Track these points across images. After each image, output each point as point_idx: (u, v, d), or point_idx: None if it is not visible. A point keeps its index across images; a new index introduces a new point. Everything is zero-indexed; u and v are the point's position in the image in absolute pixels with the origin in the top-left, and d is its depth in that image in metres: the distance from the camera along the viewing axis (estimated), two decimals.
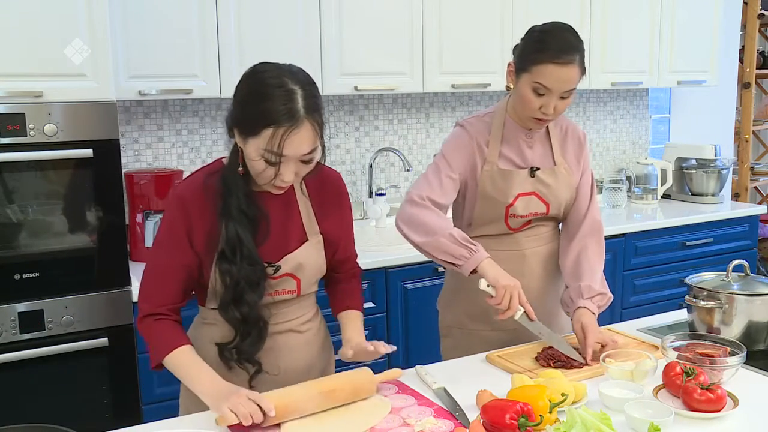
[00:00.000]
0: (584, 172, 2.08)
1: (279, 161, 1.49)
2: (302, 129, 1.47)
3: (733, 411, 1.53)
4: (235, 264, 1.58)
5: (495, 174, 1.98)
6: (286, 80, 1.48)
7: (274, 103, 1.45)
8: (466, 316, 2.10)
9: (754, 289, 1.93)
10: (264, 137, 1.46)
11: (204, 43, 2.74)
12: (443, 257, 1.87)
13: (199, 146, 3.15)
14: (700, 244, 3.74)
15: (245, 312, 1.61)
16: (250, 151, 1.50)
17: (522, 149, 2.01)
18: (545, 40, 1.84)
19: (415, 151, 3.69)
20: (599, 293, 1.97)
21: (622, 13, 3.68)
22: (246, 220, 1.59)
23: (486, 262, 1.83)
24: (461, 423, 1.50)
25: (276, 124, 1.45)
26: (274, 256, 1.65)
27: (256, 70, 1.53)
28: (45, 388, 2.37)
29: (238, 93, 1.54)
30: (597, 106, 4.20)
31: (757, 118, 5.06)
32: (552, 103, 1.86)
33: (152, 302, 1.63)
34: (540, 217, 2.03)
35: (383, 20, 3.08)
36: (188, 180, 1.65)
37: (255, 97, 1.48)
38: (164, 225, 1.64)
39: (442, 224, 1.89)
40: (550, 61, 1.81)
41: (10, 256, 2.29)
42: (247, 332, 1.64)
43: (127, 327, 2.45)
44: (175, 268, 1.62)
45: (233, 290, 1.60)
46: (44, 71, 2.26)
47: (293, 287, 1.70)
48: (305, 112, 1.47)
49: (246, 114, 1.50)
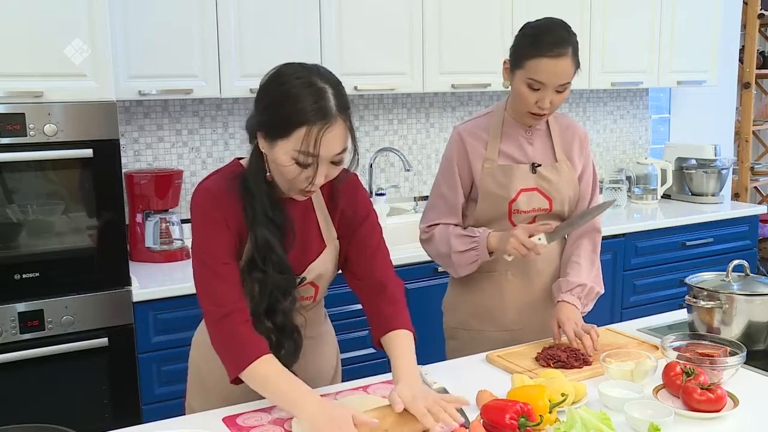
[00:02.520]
0: (585, 172, 2.08)
1: (313, 163, 1.42)
2: (335, 127, 1.42)
3: (733, 411, 1.53)
4: (266, 272, 1.52)
5: (495, 170, 1.99)
6: (315, 79, 1.43)
7: (306, 103, 1.40)
8: (472, 317, 2.10)
9: (754, 289, 1.93)
10: (296, 138, 1.40)
11: (204, 43, 2.74)
12: (469, 269, 2.01)
13: (199, 146, 3.15)
14: (700, 244, 3.74)
15: (280, 321, 1.56)
16: (279, 155, 1.43)
17: (522, 145, 2.02)
18: (537, 35, 1.87)
19: (415, 151, 3.68)
20: (579, 285, 1.97)
21: (622, 13, 3.68)
22: (274, 226, 1.52)
23: (492, 241, 1.94)
24: (461, 423, 1.50)
25: (309, 123, 1.39)
26: (297, 266, 1.59)
27: (282, 71, 1.46)
28: (45, 388, 2.36)
29: (264, 95, 1.47)
30: (597, 106, 4.20)
31: (757, 118, 5.06)
32: (547, 97, 1.87)
33: (219, 302, 1.50)
34: (544, 214, 2.03)
35: (383, 20, 3.08)
36: (211, 180, 1.57)
37: (284, 98, 1.41)
38: (199, 219, 1.53)
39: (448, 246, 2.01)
40: (542, 55, 1.83)
41: (10, 256, 2.29)
42: (282, 342, 1.56)
43: (128, 327, 2.45)
44: (228, 257, 1.52)
45: (267, 299, 1.54)
46: (44, 71, 2.26)
47: (311, 294, 1.68)
48: (337, 110, 1.42)
49: (274, 116, 1.42)
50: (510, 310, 2.06)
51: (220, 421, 1.54)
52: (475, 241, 1.97)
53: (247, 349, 1.47)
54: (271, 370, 1.47)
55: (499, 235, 1.95)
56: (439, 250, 2.06)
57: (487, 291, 2.06)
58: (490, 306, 2.07)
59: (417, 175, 3.71)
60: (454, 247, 2.00)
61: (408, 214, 3.55)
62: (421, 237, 2.11)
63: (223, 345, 1.51)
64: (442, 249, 2.04)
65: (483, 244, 1.96)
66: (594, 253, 2.07)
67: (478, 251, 1.97)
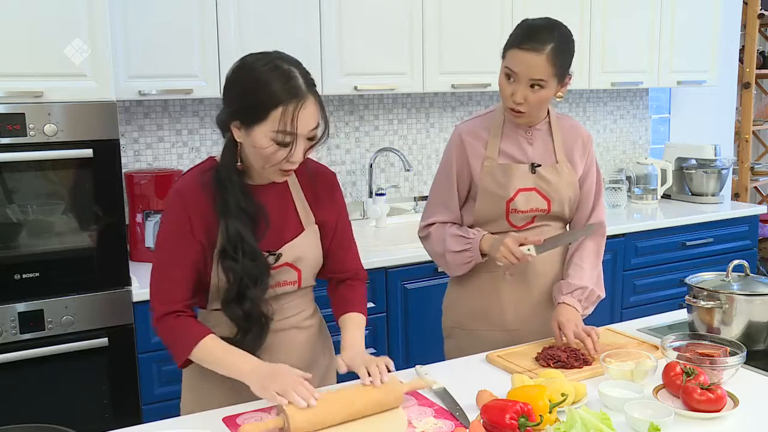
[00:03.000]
0: (588, 173, 2.08)
1: (292, 140, 1.51)
2: (308, 103, 1.51)
3: (733, 411, 1.53)
4: (237, 261, 1.59)
5: (495, 169, 2.00)
6: (279, 62, 1.53)
7: (276, 85, 1.49)
8: (469, 317, 2.11)
9: (754, 289, 1.93)
10: (273, 120, 1.49)
11: (204, 43, 2.74)
12: (463, 269, 2.04)
13: (199, 146, 3.15)
14: (700, 244, 3.74)
15: (247, 308, 1.62)
16: (259, 139, 1.51)
17: (522, 145, 2.02)
18: (521, 28, 1.92)
19: (415, 151, 3.69)
20: (580, 287, 1.98)
21: (622, 13, 3.68)
22: (245, 216, 1.59)
23: (485, 245, 1.98)
24: (461, 423, 1.50)
25: (284, 103, 1.48)
26: (274, 245, 1.66)
27: (246, 61, 1.56)
28: (45, 388, 2.36)
29: (233, 87, 1.56)
30: (597, 106, 4.20)
31: (757, 118, 5.06)
32: (520, 91, 1.89)
33: (166, 301, 1.62)
34: (543, 216, 2.03)
35: (383, 20, 3.08)
36: (184, 177, 1.66)
37: (254, 84, 1.50)
38: (166, 223, 1.64)
39: (443, 246, 2.04)
40: (516, 45, 1.89)
41: (10, 256, 2.29)
42: (248, 328, 1.64)
43: (127, 327, 2.45)
44: (184, 264, 1.61)
45: (236, 287, 1.60)
46: (44, 71, 2.26)
47: (294, 278, 1.70)
48: (306, 87, 1.51)
49: (248, 103, 1.50)
50: (508, 311, 2.06)
51: (220, 421, 1.54)
52: (468, 242, 2.00)
53: (191, 334, 1.60)
54: (216, 346, 1.59)
55: (492, 239, 1.97)
56: (435, 249, 2.09)
57: (486, 291, 2.07)
58: (488, 306, 2.07)
59: (417, 175, 3.71)
60: (449, 246, 2.02)
61: (408, 214, 3.55)
62: (420, 235, 2.14)
63: (169, 336, 1.63)
64: (437, 248, 2.07)
65: (476, 246, 1.98)
66: (597, 256, 2.07)
67: (471, 253, 2.00)
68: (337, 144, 3.47)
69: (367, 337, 2.88)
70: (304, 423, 1.46)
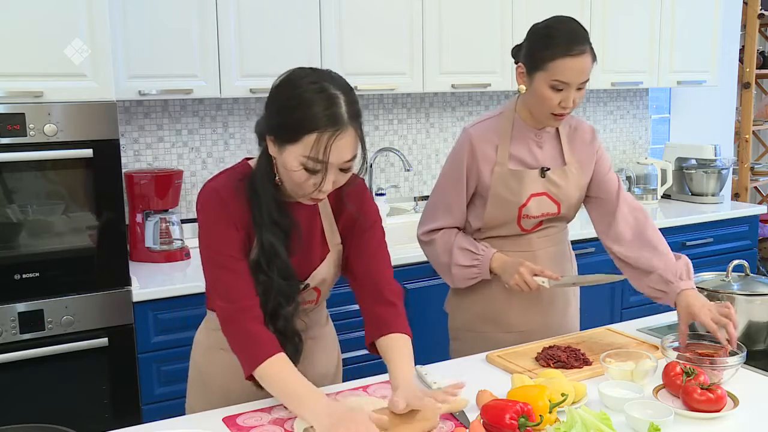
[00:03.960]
0: (601, 161, 2.05)
1: (321, 170, 1.42)
2: (346, 135, 1.41)
3: (733, 411, 1.53)
4: (270, 276, 1.52)
5: (506, 175, 1.97)
6: (327, 85, 1.42)
7: (317, 108, 1.39)
8: (478, 319, 2.09)
9: (754, 289, 1.93)
10: (306, 144, 1.39)
11: (204, 43, 2.74)
12: (467, 283, 2.03)
13: (199, 146, 3.15)
14: (700, 244, 3.74)
15: (282, 326, 1.56)
16: (289, 160, 1.43)
17: (532, 149, 2.00)
18: (553, 35, 1.83)
19: (415, 151, 3.68)
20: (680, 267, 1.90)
21: (622, 13, 3.68)
22: (279, 231, 1.52)
23: (495, 264, 1.96)
24: (461, 423, 1.50)
25: (320, 129, 1.38)
26: (301, 271, 1.60)
27: (294, 75, 1.46)
28: (45, 388, 2.36)
29: (274, 99, 1.47)
30: (597, 106, 4.20)
31: (757, 118, 5.06)
32: (571, 96, 1.85)
33: (232, 298, 1.50)
34: (551, 218, 2.03)
35: (383, 20, 3.08)
36: (218, 178, 1.57)
37: (295, 103, 1.41)
38: (206, 219, 1.54)
39: (449, 257, 2.01)
40: (564, 55, 1.80)
41: (10, 256, 2.29)
42: (283, 346, 1.54)
43: (127, 327, 2.45)
44: (240, 256, 1.52)
45: (270, 303, 1.54)
46: (44, 71, 2.26)
47: (314, 297, 1.68)
48: (348, 117, 1.41)
49: (285, 120, 1.42)
50: (515, 313, 2.05)
51: (220, 421, 1.54)
52: (477, 258, 1.97)
53: (260, 348, 1.48)
54: (283, 369, 1.47)
55: (503, 261, 1.95)
56: (439, 258, 2.04)
57: (493, 293, 2.05)
58: (496, 308, 2.06)
59: (417, 175, 3.71)
60: (456, 260, 2.00)
61: (408, 214, 3.55)
62: (421, 239, 2.09)
63: (237, 342, 1.52)
64: (442, 258, 2.03)
65: (486, 265, 1.97)
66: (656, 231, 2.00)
67: (479, 269, 1.98)
68: None
69: None
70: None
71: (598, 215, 2.07)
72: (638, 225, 2.00)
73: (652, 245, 1.96)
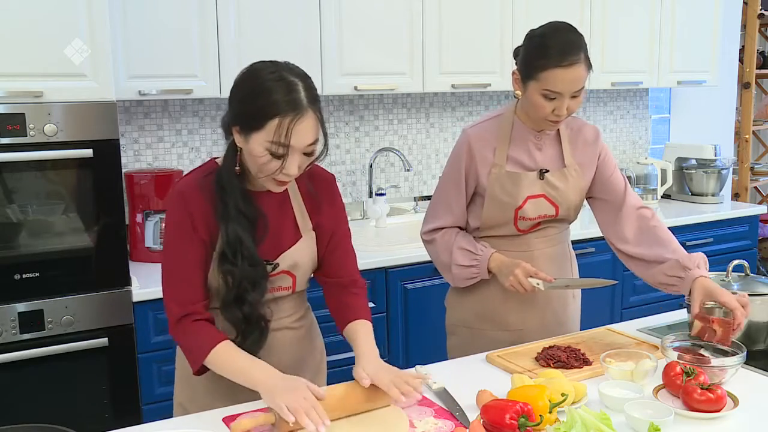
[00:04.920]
0: (606, 161, 2.05)
1: (285, 153, 1.50)
2: (306, 118, 1.49)
3: (733, 411, 1.53)
4: (236, 265, 1.59)
5: (503, 177, 1.98)
6: (285, 74, 1.52)
7: (278, 95, 1.48)
8: (474, 316, 2.11)
9: (754, 289, 1.93)
10: (269, 129, 1.48)
11: (204, 43, 2.74)
12: (467, 282, 2.05)
13: (199, 146, 3.15)
14: (700, 244, 3.73)
15: (247, 311, 1.62)
16: (255, 147, 1.51)
17: (531, 151, 2.00)
18: (546, 44, 1.83)
19: (415, 151, 3.68)
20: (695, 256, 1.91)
21: (622, 13, 3.68)
22: (245, 220, 1.59)
23: (493, 265, 1.97)
24: (461, 423, 1.50)
25: (281, 114, 1.47)
26: (271, 254, 1.66)
27: (254, 67, 1.56)
28: (45, 388, 2.36)
29: (237, 92, 1.55)
30: (597, 106, 4.20)
31: (757, 118, 5.05)
32: (564, 105, 1.85)
33: (183, 302, 1.61)
34: (549, 219, 2.03)
35: (383, 20, 3.08)
36: (185, 178, 1.66)
37: (257, 92, 1.50)
38: (170, 223, 1.64)
39: (449, 257, 2.03)
40: (555, 66, 1.80)
41: (10, 256, 2.29)
42: (248, 331, 1.63)
43: (127, 327, 2.45)
44: (193, 262, 1.61)
45: (235, 290, 1.60)
46: (44, 71, 2.26)
47: (289, 284, 1.71)
48: (308, 102, 1.50)
49: (249, 110, 1.50)
50: (511, 311, 2.06)
51: (220, 421, 1.54)
52: (476, 258, 1.99)
53: (207, 339, 1.58)
54: (230, 352, 1.57)
55: (501, 261, 1.97)
56: (440, 258, 2.07)
57: (491, 290, 2.06)
58: (492, 305, 2.07)
59: (417, 175, 3.71)
60: (456, 260, 2.02)
61: (408, 214, 3.55)
62: (423, 238, 2.12)
63: (185, 339, 1.62)
64: (443, 257, 2.05)
65: (484, 264, 1.99)
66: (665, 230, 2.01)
67: (478, 269, 2.00)
68: (337, 144, 3.47)
69: None
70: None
71: (603, 216, 2.08)
72: (646, 225, 2.01)
73: (664, 243, 1.96)
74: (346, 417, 1.54)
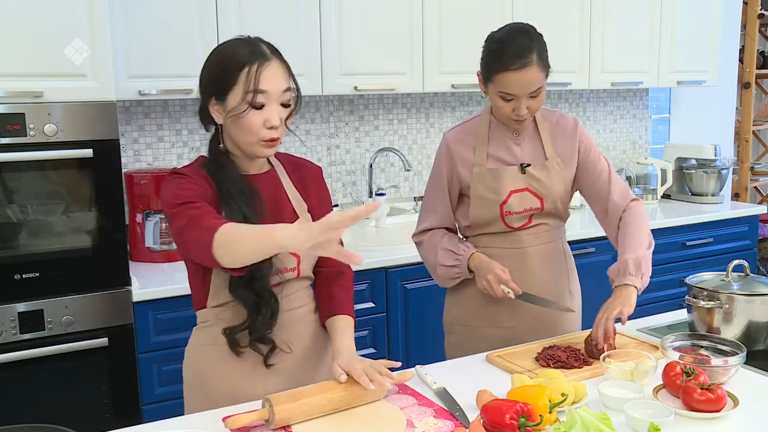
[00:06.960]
0: (589, 154, 2.07)
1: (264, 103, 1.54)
2: (273, 63, 1.55)
3: (733, 411, 1.53)
4: None
5: (485, 174, 2.02)
6: (242, 36, 1.61)
7: (240, 51, 1.55)
8: (469, 314, 2.12)
9: (754, 289, 1.93)
10: (242, 81, 1.53)
11: (204, 43, 2.74)
12: (452, 282, 2.09)
13: (199, 146, 3.15)
14: (700, 244, 3.74)
15: (258, 288, 1.60)
16: (234, 104, 1.54)
17: (510, 147, 2.04)
18: (500, 49, 1.89)
19: (415, 151, 3.69)
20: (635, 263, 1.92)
21: (622, 13, 3.68)
22: (245, 197, 1.60)
23: (472, 264, 2.01)
24: (461, 423, 1.50)
25: (248, 63, 1.53)
26: None
27: (216, 47, 1.64)
28: (45, 388, 2.37)
29: (205, 69, 1.61)
30: (597, 106, 4.20)
31: (757, 118, 5.06)
32: (522, 105, 1.91)
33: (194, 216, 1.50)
34: (539, 214, 2.04)
35: (383, 20, 3.08)
36: (178, 168, 1.65)
37: (221, 57, 1.57)
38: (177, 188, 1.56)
39: (435, 257, 2.07)
40: (507, 69, 1.86)
41: (10, 256, 2.29)
42: (259, 309, 1.61)
43: (127, 327, 2.46)
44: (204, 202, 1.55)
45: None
46: (44, 71, 2.26)
47: (294, 264, 1.69)
48: (271, 52, 1.57)
49: (218, 74, 1.56)
50: (504, 310, 2.08)
51: (220, 421, 1.54)
52: (458, 259, 2.04)
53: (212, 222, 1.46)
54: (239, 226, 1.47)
55: (479, 261, 2.00)
56: (427, 259, 2.13)
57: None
58: (486, 303, 2.08)
59: (417, 175, 3.71)
60: (440, 260, 2.07)
61: (408, 214, 3.55)
62: (414, 240, 2.17)
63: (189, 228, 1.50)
64: (430, 258, 2.11)
65: (464, 264, 2.03)
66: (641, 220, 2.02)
67: (459, 269, 2.04)
68: (337, 144, 3.47)
69: (367, 337, 2.89)
70: (287, 413, 1.48)
71: (593, 202, 2.11)
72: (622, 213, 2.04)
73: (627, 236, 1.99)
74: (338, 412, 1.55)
